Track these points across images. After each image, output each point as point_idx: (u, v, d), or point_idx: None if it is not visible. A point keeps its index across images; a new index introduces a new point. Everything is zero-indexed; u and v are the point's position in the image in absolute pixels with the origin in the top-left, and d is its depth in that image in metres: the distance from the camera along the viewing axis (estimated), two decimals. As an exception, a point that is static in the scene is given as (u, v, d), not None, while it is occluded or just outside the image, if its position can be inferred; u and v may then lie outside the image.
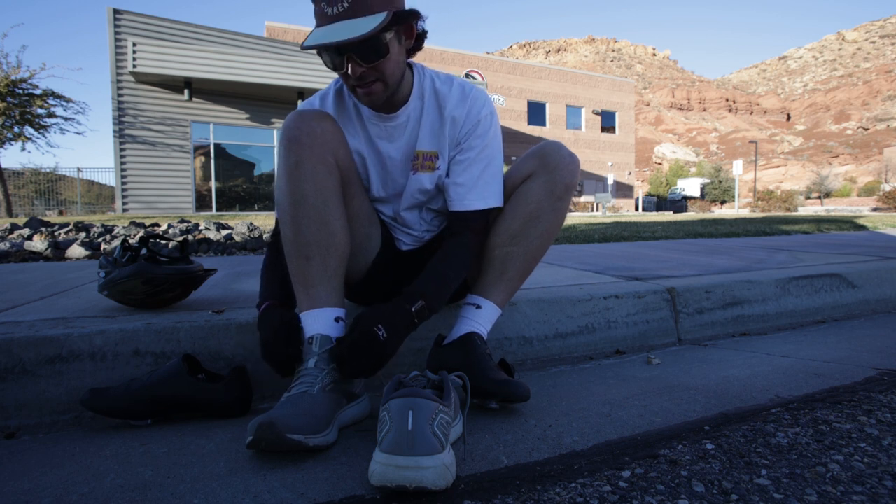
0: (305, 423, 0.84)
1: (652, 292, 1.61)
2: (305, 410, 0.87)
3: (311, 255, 1.00)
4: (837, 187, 50.57)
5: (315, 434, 0.84)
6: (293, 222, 0.99)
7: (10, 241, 3.61)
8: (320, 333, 0.97)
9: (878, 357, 1.37)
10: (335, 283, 1.03)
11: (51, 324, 1.15)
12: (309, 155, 0.97)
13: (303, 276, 1.01)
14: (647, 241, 3.92)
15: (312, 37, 0.90)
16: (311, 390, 0.91)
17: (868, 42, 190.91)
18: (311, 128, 0.98)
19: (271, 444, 0.80)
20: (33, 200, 17.21)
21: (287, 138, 0.98)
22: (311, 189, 0.98)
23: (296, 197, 0.98)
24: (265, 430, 0.80)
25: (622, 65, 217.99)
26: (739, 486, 0.71)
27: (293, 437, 0.81)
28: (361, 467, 0.80)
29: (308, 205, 0.98)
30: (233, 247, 3.67)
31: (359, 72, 0.94)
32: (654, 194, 43.79)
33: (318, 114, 1.02)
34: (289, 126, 0.99)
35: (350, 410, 0.98)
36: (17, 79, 12.91)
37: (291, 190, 0.98)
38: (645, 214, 17.02)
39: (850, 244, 3.36)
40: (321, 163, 0.98)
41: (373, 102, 1.02)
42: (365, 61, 0.93)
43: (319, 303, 1.00)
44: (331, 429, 0.89)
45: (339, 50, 0.92)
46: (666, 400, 1.08)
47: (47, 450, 0.91)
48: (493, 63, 25.38)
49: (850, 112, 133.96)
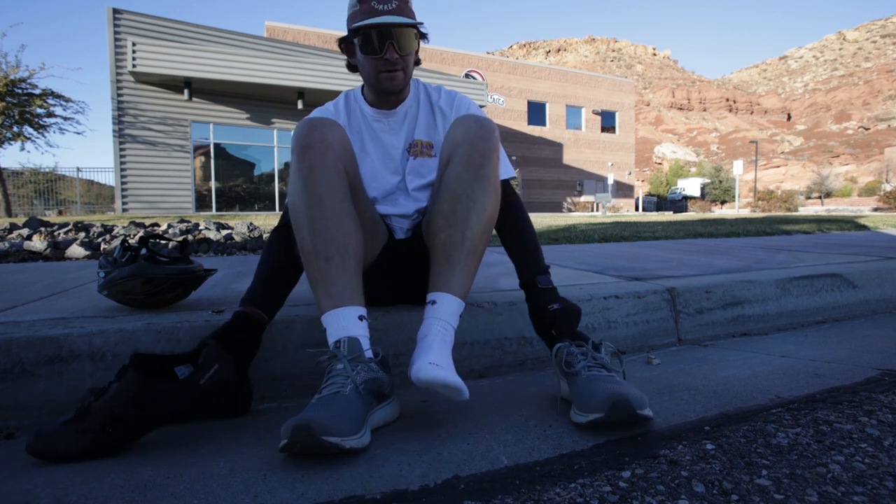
0: (341, 425, 0.83)
1: (652, 292, 1.61)
2: (339, 412, 0.86)
3: (331, 255, 1.01)
4: (838, 187, 50.59)
5: (351, 436, 0.83)
6: (311, 225, 1.02)
7: (10, 241, 3.61)
8: (347, 336, 0.97)
9: (879, 357, 1.36)
10: (355, 281, 1.04)
11: (50, 324, 1.14)
12: (322, 160, 1.02)
13: (322, 276, 1.01)
14: (647, 241, 3.92)
15: (366, 20, 1.10)
16: (343, 391, 0.91)
17: (869, 42, 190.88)
18: (323, 135, 1.04)
19: (307, 446, 0.79)
20: (32, 200, 17.21)
21: (300, 146, 1.03)
22: (326, 192, 1.02)
23: (312, 199, 1.02)
24: (300, 433, 0.78)
25: (622, 65, 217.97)
26: (740, 486, 0.71)
27: (329, 439, 0.80)
28: (362, 467, 0.80)
29: (325, 206, 1.02)
30: (233, 247, 3.67)
31: (395, 57, 1.14)
32: (654, 194, 43.81)
33: (329, 122, 1.07)
34: (301, 134, 1.04)
35: (381, 411, 0.98)
36: (17, 78, 12.90)
37: (308, 193, 1.02)
38: (645, 214, 17.02)
39: (851, 244, 3.36)
40: (333, 168, 1.04)
41: (392, 87, 1.19)
42: (401, 49, 1.15)
43: (342, 301, 1.00)
44: (365, 430, 0.88)
45: (384, 35, 1.12)
46: (666, 400, 1.08)
47: (47, 450, 0.91)
48: (493, 63, 25.38)
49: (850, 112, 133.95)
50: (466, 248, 1.08)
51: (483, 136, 1.08)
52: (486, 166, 1.08)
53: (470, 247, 1.08)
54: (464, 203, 1.07)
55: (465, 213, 1.07)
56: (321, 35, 20.89)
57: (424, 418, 1.02)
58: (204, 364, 0.95)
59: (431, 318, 1.03)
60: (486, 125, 1.10)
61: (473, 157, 1.07)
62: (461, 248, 1.07)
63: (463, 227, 1.07)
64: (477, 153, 1.08)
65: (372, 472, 0.79)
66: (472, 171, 1.07)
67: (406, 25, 1.13)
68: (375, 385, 0.96)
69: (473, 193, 1.07)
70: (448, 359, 0.98)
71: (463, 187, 1.08)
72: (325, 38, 20.56)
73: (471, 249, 1.08)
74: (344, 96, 1.33)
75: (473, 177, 1.07)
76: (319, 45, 17.67)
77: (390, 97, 1.25)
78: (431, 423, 1.00)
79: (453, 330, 1.04)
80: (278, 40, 15.08)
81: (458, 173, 1.08)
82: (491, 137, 1.09)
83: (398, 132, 1.28)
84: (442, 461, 0.82)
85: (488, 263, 2.39)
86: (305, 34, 20.44)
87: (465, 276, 1.08)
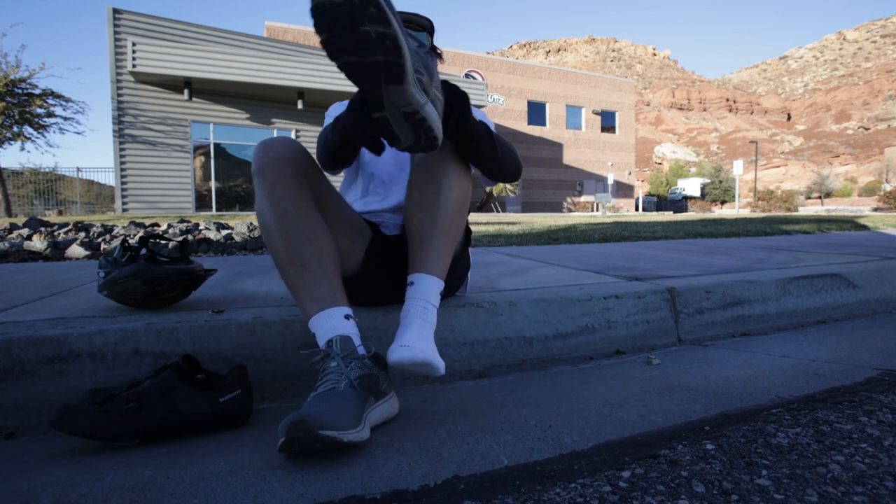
0: (337, 419, 0.83)
1: (652, 292, 1.61)
2: (335, 406, 0.86)
3: (307, 262, 1.03)
4: (838, 187, 50.58)
5: (349, 429, 0.84)
6: (282, 237, 1.04)
7: (10, 241, 3.61)
8: (339, 335, 0.99)
9: (879, 357, 1.36)
10: (336, 283, 1.06)
11: (50, 324, 1.14)
12: (280, 175, 1.04)
13: (303, 282, 1.03)
14: (648, 241, 3.92)
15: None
16: (337, 386, 0.91)
17: (869, 42, 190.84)
18: (278, 152, 1.06)
19: (304, 442, 0.79)
20: (32, 200, 17.21)
21: (258, 166, 1.05)
22: (289, 204, 1.04)
23: (278, 214, 1.04)
24: (297, 429, 0.78)
25: (622, 65, 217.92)
26: (740, 486, 0.71)
27: (327, 433, 0.80)
28: (361, 467, 0.80)
29: (292, 217, 1.04)
30: (233, 247, 3.66)
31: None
32: (654, 194, 43.80)
33: (282, 140, 1.09)
34: (257, 156, 1.06)
35: (380, 408, 0.98)
36: (17, 78, 12.89)
37: (273, 208, 1.04)
38: (645, 214, 17.02)
39: (851, 244, 3.36)
40: (293, 180, 1.05)
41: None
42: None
43: (327, 303, 1.02)
44: (363, 425, 0.89)
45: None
46: (666, 400, 1.08)
47: (47, 450, 0.91)
48: (493, 63, 25.37)
49: (850, 112, 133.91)
50: (438, 228, 1.10)
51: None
52: (448, 146, 1.09)
53: (441, 226, 1.10)
54: (432, 185, 1.10)
55: (433, 195, 1.09)
56: (321, 35, 20.85)
57: (424, 418, 1.02)
58: (229, 384, 1.00)
59: (411, 299, 1.06)
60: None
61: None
62: (433, 228, 1.09)
63: (433, 210, 1.10)
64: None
65: (372, 472, 0.79)
66: (437, 153, 1.09)
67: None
68: (371, 381, 0.96)
69: (438, 175, 1.10)
70: (426, 336, 1.01)
71: (429, 170, 1.10)
72: (325, 38, 20.51)
73: (443, 229, 1.10)
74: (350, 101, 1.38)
75: (437, 158, 1.10)
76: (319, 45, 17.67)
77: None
78: (431, 423, 0.99)
79: (434, 308, 1.06)
80: (278, 40, 15.07)
81: (424, 158, 1.11)
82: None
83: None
84: (442, 461, 0.82)
85: (488, 263, 2.39)
86: (305, 34, 20.44)
87: (440, 255, 1.10)
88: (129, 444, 0.91)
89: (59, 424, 0.87)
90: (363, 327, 1.22)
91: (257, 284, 1.77)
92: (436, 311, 1.07)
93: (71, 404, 0.90)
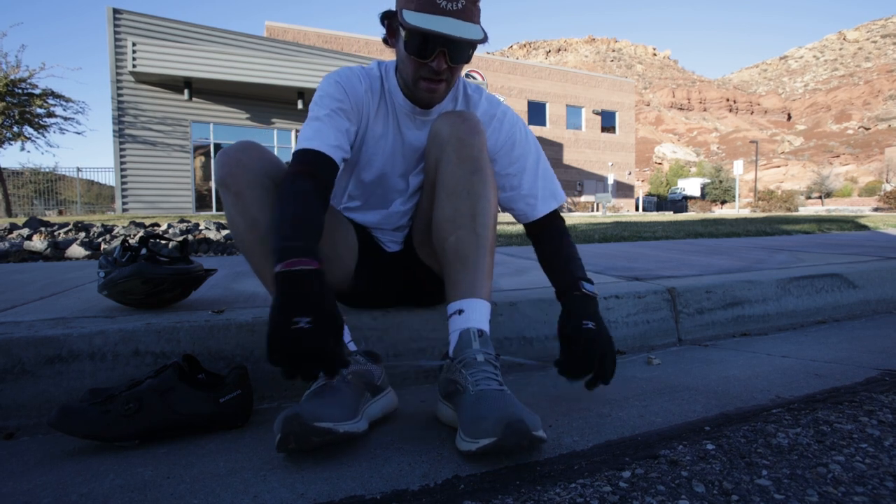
0: (332, 411, 0.83)
1: (652, 292, 1.61)
2: (329, 401, 0.86)
3: None
4: (838, 187, 50.56)
5: (344, 421, 0.83)
6: (257, 245, 1.00)
7: (10, 241, 3.61)
8: None
9: (880, 357, 1.36)
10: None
11: (50, 324, 1.14)
12: (245, 183, 0.99)
13: None
14: (648, 241, 3.92)
15: (422, 20, 0.94)
16: (330, 382, 0.91)
17: (869, 42, 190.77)
18: (239, 159, 1.00)
19: (300, 436, 0.79)
20: (32, 200, 17.21)
21: (220, 176, 1.01)
22: (258, 210, 0.99)
23: (248, 223, 1.00)
24: (292, 423, 0.78)
25: (622, 65, 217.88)
26: (740, 486, 0.71)
27: (322, 424, 0.79)
28: (362, 467, 0.80)
29: (262, 224, 0.99)
30: (233, 247, 3.66)
31: (442, 67, 1.00)
32: (654, 194, 43.78)
33: (242, 145, 1.03)
34: (217, 166, 1.01)
35: (377, 403, 0.99)
36: (17, 78, 12.90)
37: (243, 217, 1.00)
38: (645, 214, 17.01)
39: (851, 244, 3.36)
40: (259, 186, 0.99)
41: (431, 99, 1.08)
42: (453, 61, 1.00)
43: None
44: (360, 417, 0.89)
45: (437, 41, 0.96)
46: (666, 400, 1.08)
47: (47, 450, 0.91)
48: (493, 63, 25.37)
49: (851, 112, 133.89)
50: (482, 247, 1.03)
51: (470, 130, 1.04)
52: (480, 159, 1.04)
53: (485, 244, 1.03)
54: (466, 201, 1.02)
55: (470, 211, 1.02)
56: (321, 35, 20.89)
57: (424, 418, 1.02)
58: (229, 384, 0.99)
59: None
60: (469, 119, 1.05)
61: (465, 152, 1.03)
62: (476, 247, 1.02)
63: (473, 225, 1.02)
64: (467, 147, 1.03)
65: (372, 471, 0.79)
66: (468, 166, 1.03)
67: (467, 42, 0.97)
68: (364, 377, 0.96)
69: (474, 189, 1.03)
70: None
71: (462, 184, 1.03)
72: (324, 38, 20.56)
73: (487, 247, 1.04)
74: (378, 70, 1.16)
75: (470, 171, 1.03)
76: (319, 45, 17.68)
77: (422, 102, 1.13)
78: (431, 422, 0.99)
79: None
80: (278, 40, 15.07)
81: (453, 171, 1.03)
82: (478, 129, 1.05)
83: (425, 130, 1.15)
84: (442, 461, 0.82)
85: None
86: (305, 34, 20.45)
87: (486, 276, 1.03)
88: (129, 445, 0.91)
89: (59, 425, 0.87)
90: (363, 327, 1.22)
91: (257, 284, 1.77)
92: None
93: (71, 405, 0.90)
